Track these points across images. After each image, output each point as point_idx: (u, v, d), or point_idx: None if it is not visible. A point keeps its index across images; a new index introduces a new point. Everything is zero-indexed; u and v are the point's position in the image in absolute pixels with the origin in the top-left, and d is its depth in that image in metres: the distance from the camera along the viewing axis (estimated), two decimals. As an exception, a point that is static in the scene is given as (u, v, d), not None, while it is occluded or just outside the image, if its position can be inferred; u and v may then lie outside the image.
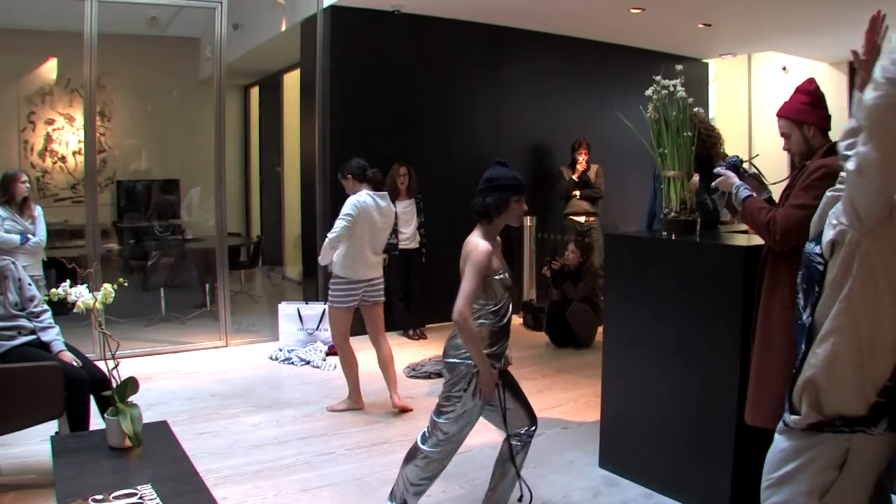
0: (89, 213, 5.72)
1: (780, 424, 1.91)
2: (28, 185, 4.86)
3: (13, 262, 3.57)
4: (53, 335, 3.49)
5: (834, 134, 2.77)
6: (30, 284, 3.57)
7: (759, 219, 2.64)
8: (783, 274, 2.62)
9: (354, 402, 4.49)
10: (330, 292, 4.38)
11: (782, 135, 2.74)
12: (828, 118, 2.71)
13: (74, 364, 3.38)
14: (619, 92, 7.11)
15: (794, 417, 1.82)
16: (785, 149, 2.78)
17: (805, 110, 2.67)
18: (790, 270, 2.60)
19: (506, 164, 2.78)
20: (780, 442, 1.90)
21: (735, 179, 2.82)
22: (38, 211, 4.97)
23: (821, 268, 1.79)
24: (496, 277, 2.67)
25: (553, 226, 7.17)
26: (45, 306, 3.55)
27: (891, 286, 1.69)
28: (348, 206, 4.31)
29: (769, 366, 2.65)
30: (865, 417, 1.71)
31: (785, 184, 2.81)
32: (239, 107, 10.35)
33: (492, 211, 2.68)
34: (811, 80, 2.74)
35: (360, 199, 4.31)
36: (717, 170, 2.90)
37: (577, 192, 6.90)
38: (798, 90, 2.72)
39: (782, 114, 2.71)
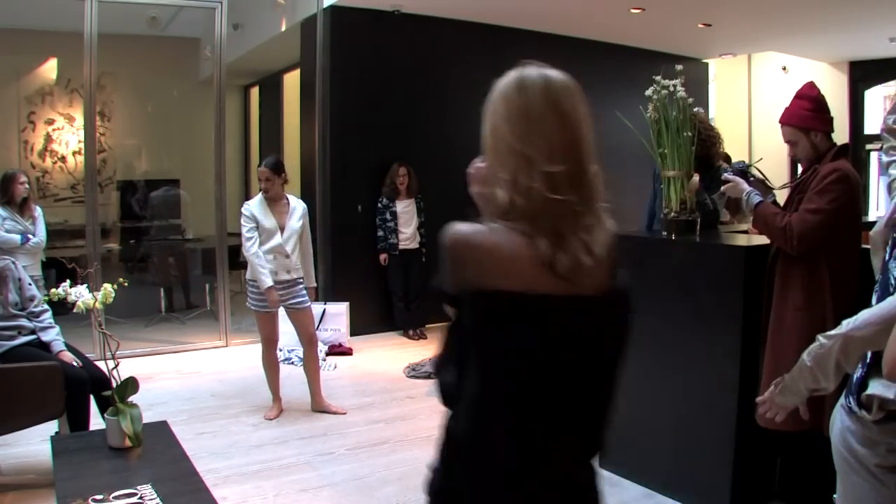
0: (89, 213, 5.72)
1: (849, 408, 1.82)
2: (27, 185, 4.86)
3: (13, 262, 3.57)
4: (53, 335, 3.49)
5: (835, 135, 2.78)
6: (30, 284, 3.57)
7: (773, 224, 2.61)
8: (795, 277, 2.60)
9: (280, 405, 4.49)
10: (305, 294, 4.38)
11: (788, 142, 2.72)
12: (831, 121, 2.70)
13: (74, 364, 3.38)
14: (619, 92, 7.10)
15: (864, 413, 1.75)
16: (791, 155, 2.76)
17: (811, 117, 2.64)
18: (802, 273, 2.58)
19: None
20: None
21: (745, 185, 2.79)
22: (38, 211, 4.97)
23: None
24: None
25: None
26: (46, 306, 3.55)
27: None
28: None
29: (783, 369, 2.61)
30: None
31: (789, 188, 2.81)
32: (239, 107, 10.33)
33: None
34: (812, 85, 2.72)
35: None
36: (726, 175, 2.87)
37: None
38: (800, 96, 2.70)
39: (788, 122, 2.69)
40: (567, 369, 1.17)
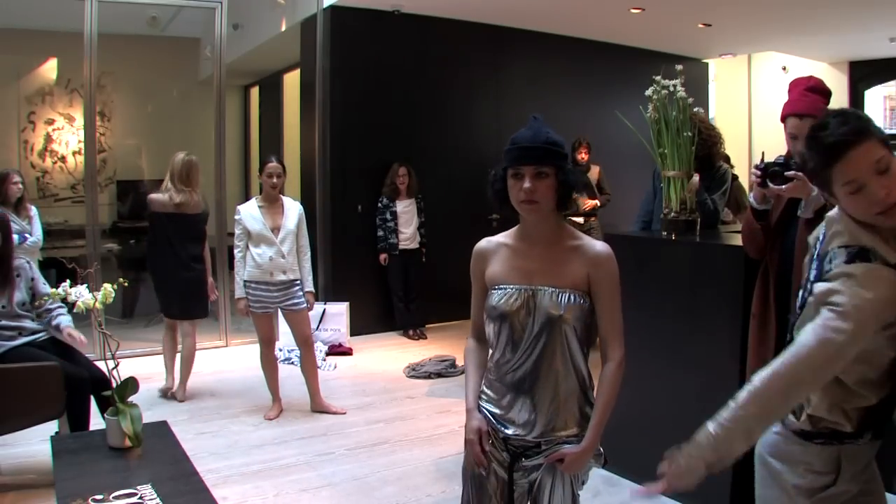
0: (89, 213, 5.71)
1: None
2: (21, 185, 4.85)
3: (28, 262, 3.58)
4: (66, 321, 3.49)
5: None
6: (44, 283, 3.58)
7: None
8: None
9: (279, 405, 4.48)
10: (302, 296, 4.35)
11: (799, 135, 2.50)
12: None
13: (82, 340, 3.38)
14: (619, 92, 7.11)
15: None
16: (798, 150, 2.64)
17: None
18: None
19: (535, 119, 1.82)
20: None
21: (812, 185, 2.37)
22: (33, 211, 4.97)
23: None
24: (491, 291, 1.84)
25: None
26: (59, 301, 3.54)
27: None
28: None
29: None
30: (852, 433, 1.70)
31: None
32: (239, 107, 10.32)
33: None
34: (819, 79, 2.66)
35: None
36: (793, 173, 2.43)
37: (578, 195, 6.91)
38: (812, 89, 2.58)
39: (810, 113, 2.49)
40: (173, 233, 4.57)
